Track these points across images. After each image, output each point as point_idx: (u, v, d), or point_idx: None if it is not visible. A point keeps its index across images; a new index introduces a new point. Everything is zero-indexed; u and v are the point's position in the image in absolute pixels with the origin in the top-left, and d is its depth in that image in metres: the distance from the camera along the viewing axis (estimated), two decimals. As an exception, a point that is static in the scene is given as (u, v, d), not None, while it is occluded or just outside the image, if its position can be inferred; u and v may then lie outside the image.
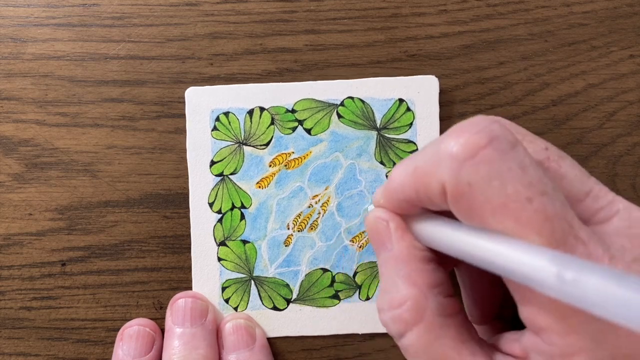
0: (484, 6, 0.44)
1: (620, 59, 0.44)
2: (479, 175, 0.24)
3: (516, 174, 0.24)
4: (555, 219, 0.23)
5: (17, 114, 0.42)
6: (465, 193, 0.25)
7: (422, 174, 0.27)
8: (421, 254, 0.29)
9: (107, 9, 0.43)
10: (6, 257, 0.42)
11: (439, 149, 0.26)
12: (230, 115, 0.42)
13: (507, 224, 0.24)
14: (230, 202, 0.42)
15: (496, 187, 0.24)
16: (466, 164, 0.24)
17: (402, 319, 0.28)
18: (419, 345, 0.28)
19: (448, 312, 0.28)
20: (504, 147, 0.24)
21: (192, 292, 0.42)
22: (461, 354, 0.27)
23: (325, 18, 0.44)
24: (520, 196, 0.23)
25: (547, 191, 0.24)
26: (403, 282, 0.29)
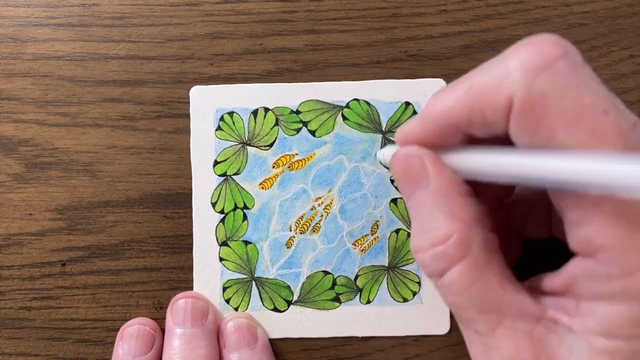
0: (484, 6, 0.44)
1: (620, 59, 0.44)
2: (556, 85, 0.24)
3: (592, 87, 0.24)
4: (629, 132, 0.23)
5: (17, 114, 0.42)
6: (537, 104, 0.24)
7: (482, 91, 0.26)
8: (462, 188, 0.29)
9: (107, 9, 0.43)
10: (6, 257, 0.42)
11: (507, 61, 0.25)
12: (235, 115, 0.42)
13: (580, 136, 0.23)
14: (233, 202, 0.42)
15: (573, 98, 0.23)
16: (542, 74, 0.24)
17: (447, 254, 0.27)
18: (463, 281, 0.27)
19: (492, 248, 0.28)
20: (578, 61, 0.24)
21: (192, 292, 0.42)
22: (506, 290, 0.27)
23: (325, 18, 0.44)
24: (597, 108, 0.23)
25: (619, 108, 0.24)
26: (446, 218, 0.28)
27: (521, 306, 0.27)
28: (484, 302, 0.27)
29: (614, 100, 0.24)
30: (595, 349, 0.24)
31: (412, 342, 0.43)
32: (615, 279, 0.23)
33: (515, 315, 0.27)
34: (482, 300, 0.27)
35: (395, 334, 0.42)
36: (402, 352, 0.42)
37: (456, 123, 0.28)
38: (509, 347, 0.27)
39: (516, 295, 0.27)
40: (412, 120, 0.30)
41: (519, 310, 0.27)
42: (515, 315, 0.27)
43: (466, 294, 0.27)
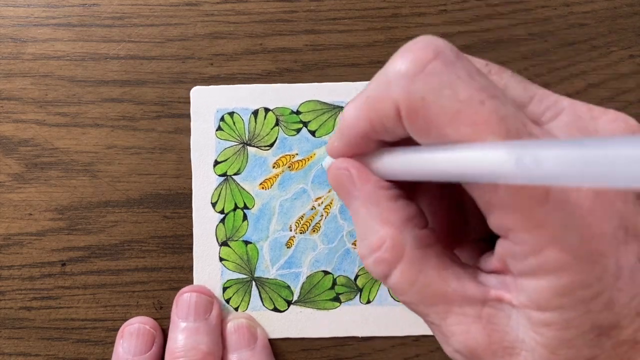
0: (484, 6, 0.44)
1: (620, 59, 0.44)
2: (431, 87, 0.24)
3: (466, 81, 0.24)
4: (508, 118, 0.24)
5: (17, 114, 0.42)
6: (419, 108, 0.25)
7: (374, 101, 0.27)
8: (388, 193, 0.29)
9: (107, 9, 0.43)
10: (6, 257, 0.42)
11: (387, 72, 0.26)
12: (235, 115, 0.42)
13: (464, 130, 0.24)
14: (233, 202, 0.42)
15: (449, 96, 0.24)
16: (416, 79, 0.24)
17: (384, 259, 0.28)
18: (405, 281, 0.28)
19: (426, 243, 0.28)
20: (450, 59, 0.25)
21: (198, 286, 0.42)
22: (446, 280, 0.28)
23: (325, 18, 0.44)
24: (473, 100, 0.24)
25: (497, 95, 0.24)
26: (377, 224, 0.29)
27: (464, 293, 0.27)
28: (429, 296, 0.28)
29: (491, 90, 0.24)
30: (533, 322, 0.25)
31: (412, 342, 0.43)
32: (529, 256, 0.24)
33: (461, 302, 0.28)
34: (426, 295, 0.28)
35: (395, 334, 0.42)
36: (402, 352, 0.43)
37: (364, 133, 0.29)
38: (462, 333, 0.28)
39: (458, 283, 0.28)
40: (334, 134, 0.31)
41: (463, 297, 0.27)
42: (461, 302, 0.28)
43: (411, 292, 0.28)
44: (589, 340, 0.25)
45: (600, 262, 0.24)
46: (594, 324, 0.24)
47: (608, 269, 0.24)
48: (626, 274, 0.24)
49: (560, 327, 0.25)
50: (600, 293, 0.24)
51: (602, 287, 0.24)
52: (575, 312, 0.24)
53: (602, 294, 0.24)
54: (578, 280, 0.24)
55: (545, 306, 0.24)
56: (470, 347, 0.27)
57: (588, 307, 0.24)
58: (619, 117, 0.26)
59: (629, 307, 0.25)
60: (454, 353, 0.29)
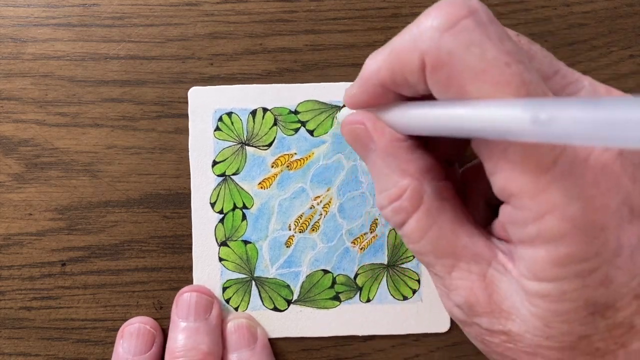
0: (484, 6, 0.44)
1: (620, 59, 0.44)
2: (460, 43, 0.25)
3: (495, 42, 0.24)
4: (531, 83, 0.24)
5: (17, 114, 0.42)
6: (445, 62, 0.25)
7: (400, 51, 0.27)
8: (406, 144, 0.30)
9: (107, 9, 0.43)
10: (6, 257, 0.42)
11: (419, 24, 0.26)
12: (233, 115, 0.42)
13: (486, 88, 0.24)
14: (232, 202, 0.42)
15: (476, 54, 0.24)
16: (447, 33, 0.25)
17: (403, 208, 0.29)
18: (419, 229, 0.29)
19: (444, 196, 0.29)
20: (483, 19, 0.25)
21: (198, 286, 0.42)
22: (458, 235, 0.28)
23: (325, 18, 0.44)
24: (499, 61, 0.24)
25: (523, 60, 0.25)
26: (397, 175, 0.30)
27: (474, 250, 0.28)
28: (439, 247, 0.29)
29: (518, 55, 0.25)
30: (528, 292, 0.26)
31: (412, 342, 0.43)
32: (530, 223, 0.25)
33: (469, 258, 0.28)
34: (437, 246, 0.29)
35: (395, 332, 0.42)
36: (402, 352, 0.43)
37: (384, 83, 0.29)
38: (465, 288, 0.28)
39: (469, 240, 0.28)
40: (353, 83, 0.32)
41: (472, 254, 0.28)
42: (469, 258, 0.28)
43: (423, 241, 0.29)
44: (582, 317, 0.25)
45: (600, 236, 0.24)
46: (588, 300, 0.25)
47: (608, 244, 0.24)
48: (626, 252, 0.25)
49: (555, 299, 0.25)
50: (597, 268, 0.24)
51: (600, 262, 0.24)
52: (570, 284, 0.24)
53: (599, 269, 0.24)
54: (576, 252, 0.24)
55: (542, 276, 0.25)
56: (470, 303, 0.28)
57: (584, 281, 0.24)
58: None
59: (627, 287, 0.25)
60: (453, 307, 0.30)
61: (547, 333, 0.26)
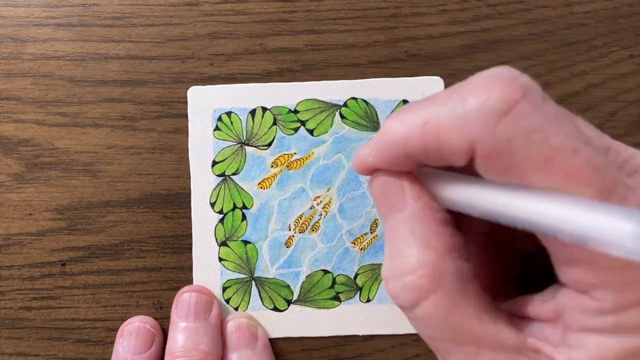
0: (484, 6, 0.44)
1: (620, 59, 0.44)
2: (519, 131, 0.22)
3: (556, 126, 0.22)
4: (603, 168, 0.22)
5: (17, 114, 0.42)
6: (504, 152, 0.23)
7: (440, 130, 0.24)
8: (439, 215, 0.27)
9: (107, 9, 0.43)
10: (6, 257, 0.42)
11: (465, 101, 0.24)
12: (233, 115, 0.42)
13: (555, 179, 0.22)
14: (232, 202, 0.42)
15: (539, 142, 0.22)
16: (504, 119, 0.22)
17: (417, 285, 0.26)
18: (437, 314, 0.26)
19: (467, 278, 0.26)
20: (538, 100, 0.23)
21: (198, 286, 0.42)
22: (483, 322, 0.25)
23: (325, 18, 0.44)
24: (566, 148, 0.22)
25: (589, 142, 0.23)
26: (418, 245, 0.26)
27: (500, 337, 0.26)
28: (461, 334, 0.26)
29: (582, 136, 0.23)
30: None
31: (412, 342, 0.43)
32: (608, 314, 0.23)
33: (494, 346, 0.26)
34: (458, 333, 0.26)
35: (395, 332, 0.42)
36: (402, 352, 0.42)
37: (411, 155, 0.26)
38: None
39: (494, 326, 0.26)
40: (367, 145, 0.29)
41: (498, 342, 0.26)
42: (494, 346, 0.26)
43: (441, 327, 0.26)
44: None
45: None
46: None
47: None
48: None
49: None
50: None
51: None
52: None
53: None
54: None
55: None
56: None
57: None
58: None
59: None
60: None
61: None
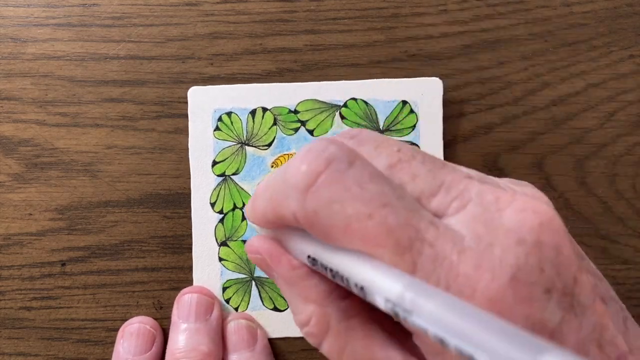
0: (484, 6, 0.44)
1: (620, 59, 0.44)
2: (321, 202, 0.24)
3: (355, 193, 0.24)
4: (398, 228, 0.23)
5: (17, 114, 0.42)
6: (314, 221, 0.25)
7: (277, 204, 0.27)
8: (302, 272, 0.29)
9: (107, 9, 0.43)
10: (6, 257, 0.42)
11: (284, 180, 0.26)
12: (233, 115, 0.42)
13: (356, 243, 0.24)
14: (232, 202, 0.42)
15: (338, 211, 0.24)
16: (308, 193, 0.25)
17: (312, 334, 0.29)
18: (334, 352, 0.28)
19: (351, 314, 0.29)
20: (341, 167, 0.25)
21: (199, 287, 0.42)
22: (372, 350, 0.28)
23: (325, 18, 0.44)
24: (361, 215, 0.24)
25: (388, 202, 0.24)
26: (301, 302, 0.29)
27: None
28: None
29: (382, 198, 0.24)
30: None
31: (412, 342, 0.43)
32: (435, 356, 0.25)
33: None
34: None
35: (394, 334, 0.42)
36: (402, 352, 0.42)
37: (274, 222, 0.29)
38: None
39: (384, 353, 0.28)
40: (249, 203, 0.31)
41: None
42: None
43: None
44: None
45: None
46: None
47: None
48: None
49: None
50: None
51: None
52: None
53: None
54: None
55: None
56: None
57: None
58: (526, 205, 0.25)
59: None
60: None
61: None
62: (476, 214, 0.25)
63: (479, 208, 0.25)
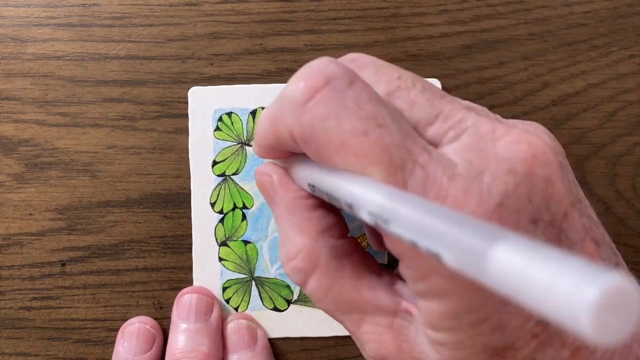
0: (484, 6, 0.44)
1: (620, 59, 0.44)
2: (318, 117, 0.25)
3: (352, 111, 0.24)
4: (392, 148, 0.24)
5: (17, 114, 0.42)
6: (310, 137, 0.25)
7: (275, 122, 0.27)
8: (306, 202, 0.30)
9: (107, 9, 0.43)
10: (6, 257, 0.42)
11: (283, 97, 0.26)
12: (233, 115, 0.42)
13: (349, 160, 0.24)
14: (232, 202, 0.42)
15: (334, 126, 0.24)
16: (306, 108, 0.25)
17: (299, 268, 0.29)
18: (320, 290, 0.29)
19: (342, 254, 0.29)
20: (340, 86, 0.25)
21: (199, 287, 0.42)
22: (360, 290, 0.28)
23: (325, 18, 0.44)
24: (357, 131, 0.24)
25: (384, 123, 0.24)
26: (295, 233, 0.29)
27: (377, 303, 0.28)
28: (343, 305, 0.29)
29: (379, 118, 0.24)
30: (431, 340, 0.26)
31: (412, 342, 0.43)
32: (418, 281, 0.25)
33: (373, 311, 0.28)
34: (341, 304, 0.29)
35: (394, 334, 0.42)
36: (402, 352, 0.42)
37: (274, 146, 0.29)
38: (374, 341, 0.28)
39: (372, 293, 0.28)
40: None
41: (376, 307, 0.28)
42: (373, 311, 0.28)
43: (326, 300, 0.29)
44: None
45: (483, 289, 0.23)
46: (485, 345, 0.24)
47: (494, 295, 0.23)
48: None
49: (453, 346, 0.25)
50: (488, 317, 0.24)
51: (489, 311, 0.24)
52: (465, 333, 0.24)
53: (491, 318, 0.24)
54: (463, 306, 0.24)
55: (437, 327, 0.25)
56: (381, 355, 0.28)
57: (477, 329, 0.24)
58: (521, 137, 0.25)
59: (522, 330, 0.24)
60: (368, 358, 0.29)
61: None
62: (470, 143, 0.25)
63: (474, 137, 0.25)
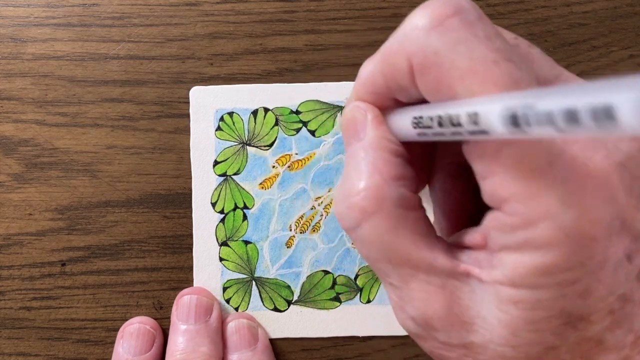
0: (484, 6, 0.44)
1: (621, 59, 0.44)
2: (446, 42, 0.24)
3: (482, 41, 0.24)
4: (522, 82, 0.23)
5: (17, 114, 0.42)
6: (432, 63, 0.24)
7: (389, 55, 0.27)
8: (392, 146, 0.29)
9: (107, 9, 0.43)
10: (6, 257, 0.42)
11: (405, 25, 0.26)
12: (235, 115, 0.42)
13: (474, 88, 0.23)
14: (233, 202, 0.42)
15: (463, 53, 0.24)
16: (432, 33, 0.24)
17: (360, 206, 0.27)
18: (375, 234, 0.27)
19: (408, 205, 0.28)
20: (470, 18, 0.24)
21: (198, 288, 0.42)
22: (419, 247, 0.27)
23: (325, 18, 0.44)
24: (487, 59, 0.23)
25: (513, 59, 0.24)
26: (367, 170, 0.28)
27: (434, 261, 0.27)
28: (397, 256, 0.27)
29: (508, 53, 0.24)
30: (501, 299, 0.25)
31: (412, 342, 0.42)
32: (519, 230, 0.23)
33: (428, 269, 0.27)
34: (394, 255, 0.27)
35: (395, 334, 0.42)
36: (402, 352, 0.42)
37: (378, 91, 0.28)
38: (422, 300, 0.27)
39: (429, 252, 0.27)
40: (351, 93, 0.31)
41: (432, 265, 0.27)
42: (428, 269, 0.27)
43: (377, 247, 0.28)
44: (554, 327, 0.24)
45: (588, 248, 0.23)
46: (563, 310, 0.24)
47: (595, 256, 0.23)
48: (610, 266, 0.24)
49: (529, 306, 0.24)
50: (579, 279, 0.23)
51: (583, 273, 0.23)
52: (549, 293, 0.24)
53: (581, 281, 0.23)
54: (562, 261, 0.23)
55: (520, 283, 0.24)
56: (426, 316, 0.27)
57: (563, 291, 0.23)
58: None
59: (604, 302, 0.24)
60: (406, 320, 0.28)
61: (513, 342, 0.25)
62: None
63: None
